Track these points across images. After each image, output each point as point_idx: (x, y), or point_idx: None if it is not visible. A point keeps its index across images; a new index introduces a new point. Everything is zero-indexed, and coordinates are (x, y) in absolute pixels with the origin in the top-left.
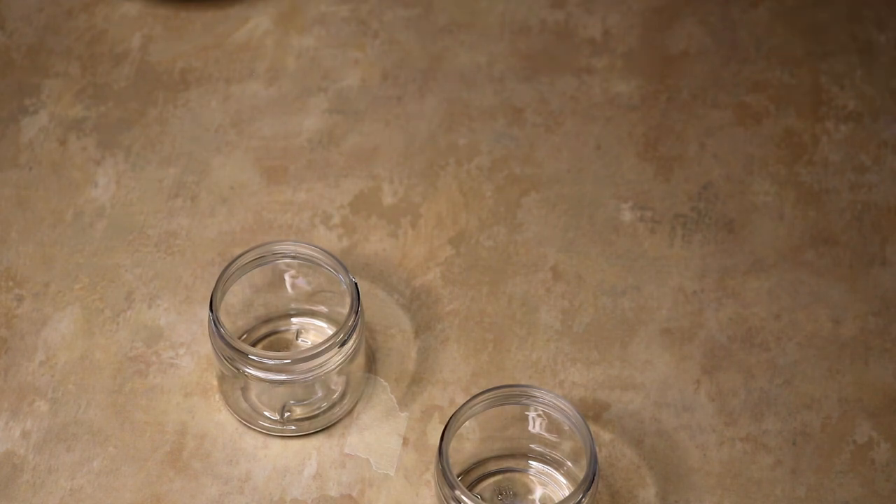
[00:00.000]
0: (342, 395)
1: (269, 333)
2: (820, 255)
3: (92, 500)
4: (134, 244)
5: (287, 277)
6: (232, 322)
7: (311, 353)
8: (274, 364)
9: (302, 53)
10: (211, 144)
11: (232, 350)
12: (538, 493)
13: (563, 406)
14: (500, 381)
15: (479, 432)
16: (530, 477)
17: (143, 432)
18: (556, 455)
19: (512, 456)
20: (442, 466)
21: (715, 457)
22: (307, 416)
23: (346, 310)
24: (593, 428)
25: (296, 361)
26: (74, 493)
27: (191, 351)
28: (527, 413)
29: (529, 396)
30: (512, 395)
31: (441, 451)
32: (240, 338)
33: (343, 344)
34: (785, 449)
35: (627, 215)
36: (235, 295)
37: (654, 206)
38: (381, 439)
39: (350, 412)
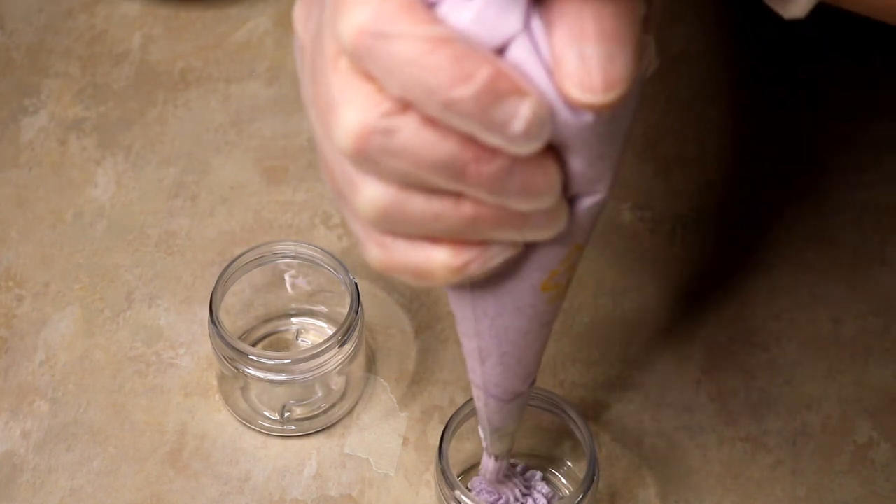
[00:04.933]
0: (342, 395)
1: (269, 333)
2: (820, 255)
3: (92, 500)
4: (134, 244)
5: (287, 277)
6: (232, 322)
7: (311, 353)
8: (274, 364)
9: None
10: (211, 144)
11: (232, 350)
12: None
13: (562, 405)
14: None
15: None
16: None
17: (143, 432)
18: (556, 455)
19: None
20: (442, 466)
21: (715, 457)
22: (307, 416)
23: (346, 310)
24: (593, 428)
25: (296, 361)
26: (74, 492)
27: (191, 351)
28: None
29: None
30: None
31: (441, 451)
32: (240, 338)
33: (343, 344)
34: (785, 449)
35: (627, 215)
36: (235, 295)
37: (653, 206)
38: (381, 439)
39: (350, 412)
